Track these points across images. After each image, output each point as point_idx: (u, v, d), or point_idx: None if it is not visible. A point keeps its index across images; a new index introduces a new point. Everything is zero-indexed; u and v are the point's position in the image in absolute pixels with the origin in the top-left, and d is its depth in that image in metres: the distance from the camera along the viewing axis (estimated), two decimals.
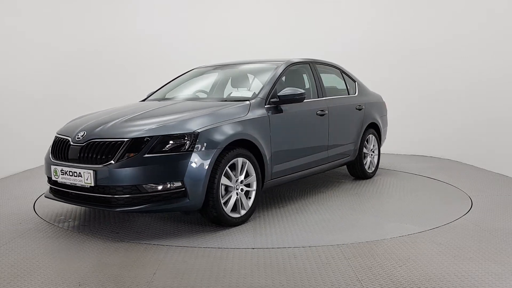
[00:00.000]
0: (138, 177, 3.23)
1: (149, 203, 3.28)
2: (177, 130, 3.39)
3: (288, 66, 4.60)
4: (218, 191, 3.45)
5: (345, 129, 5.13)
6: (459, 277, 2.64)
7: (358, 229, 3.61)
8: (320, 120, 4.69)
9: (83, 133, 3.59)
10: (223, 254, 3.07)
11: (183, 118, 3.56)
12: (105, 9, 7.83)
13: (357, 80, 5.74)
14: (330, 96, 4.98)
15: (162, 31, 7.96)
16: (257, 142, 3.81)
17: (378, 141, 5.84)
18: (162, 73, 7.37)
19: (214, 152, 3.40)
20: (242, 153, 3.67)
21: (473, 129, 6.51)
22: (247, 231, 3.57)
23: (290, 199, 4.61)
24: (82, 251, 3.16)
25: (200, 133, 3.40)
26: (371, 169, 5.69)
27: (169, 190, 3.29)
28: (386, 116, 6.18)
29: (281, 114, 4.15)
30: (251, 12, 8.07)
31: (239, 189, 3.67)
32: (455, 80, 6.92)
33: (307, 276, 2.70)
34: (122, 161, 3.27)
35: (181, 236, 3.47)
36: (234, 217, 3.63)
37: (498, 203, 4.37)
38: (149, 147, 3.29)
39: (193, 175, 3.30)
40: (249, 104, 3.95)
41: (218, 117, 3.65)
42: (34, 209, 4.35)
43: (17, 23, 6.58)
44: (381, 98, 6.12)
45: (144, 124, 3.52)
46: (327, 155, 4.82)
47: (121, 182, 3.24)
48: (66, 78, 7.46)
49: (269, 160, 3.96)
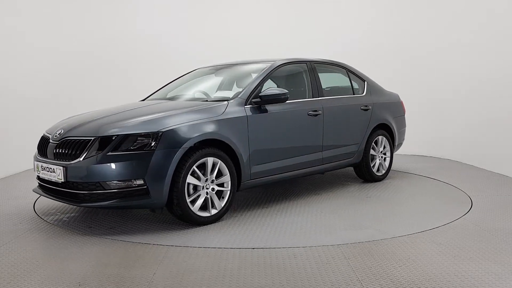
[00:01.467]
0: (102, 174, 3.36)
1: (112, 200, 3.40)
2: (142, 130, 3.48)
3: (278, 66, 4.58)
4: (183, 190, 3.50)
5: (346, 130, 5.03)
6: (459, 277, 2.64)
7: (358, 229, 3.61)
8: (313, 121, 4.61)
9: (60, 131, 3.78)
10: (223, 254, 3.07)
11: (152, 118, 3.65)
12: (105, 9, 7.82)
13: (368, 79, 5.59)
14: (328, 96, 4.92)
15: (162, 31, 7.95)
16: (230, 142, 3.82)
17: (390, 143, 5.61)
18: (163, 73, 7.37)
19: (178, 151, 3.46)
20: (212, 153, 3.70)
21: (473, 129, 6.51)
22: (247, 231, 3.58)
23: (290, 199, 4.61)
24: (82, 251, 3.16)
25: (164, 133, 3.47)
26: (380, 172, 5.49)
27: (131, 187, 3.38)
28: (403, 117, 5.92)
29: (265, 114, 4.16)
30: (251, 12, 8.07)
31: (210, 188, 3.71)
32: (455, 80, 6.92)
33: (307, 276, 2.70)
34: (88, 159, 3.42)
35: (181, 236, 3.47)
36: (203, 216, 3.67)
37: (498, 203, 4.37)
38: (113, 146, 3.42)
39: (155, 173, 3.38)
40: (226, 104, 3.98)
41: (188, 117, 3.69)
42: (34, 209, 4.36)
43: (17, 23, 6.58)
44: (397, 98, 5.92)
45: (115, 123, 3.64)
46: (321, 156, 4.73)
47: (86, 178, 3.40)
48: (67, 78, 7.45)
49: (247, 161, 3.97)
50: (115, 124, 3.61)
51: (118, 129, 3.51)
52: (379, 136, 5.44)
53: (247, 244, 3.28)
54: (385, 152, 5.57)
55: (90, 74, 7.72)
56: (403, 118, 5.95)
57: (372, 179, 5.39)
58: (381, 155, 5.51)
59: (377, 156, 5.46)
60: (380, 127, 5.48)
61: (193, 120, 3.68)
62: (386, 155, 5.59)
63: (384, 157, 5.57)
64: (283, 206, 4.35)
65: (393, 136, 5.68)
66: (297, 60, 4.88)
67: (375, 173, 5.42)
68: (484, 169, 6.12)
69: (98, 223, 3.85)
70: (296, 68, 4.92)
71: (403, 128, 5.95)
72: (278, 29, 7.95)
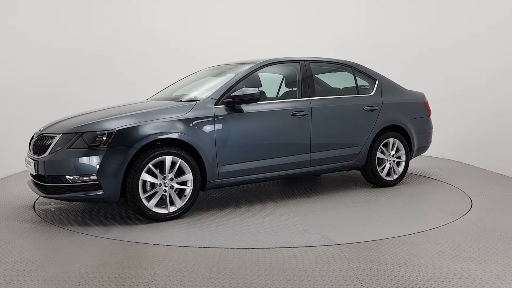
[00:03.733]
0: (61, 168, 3.65)
1: (72, 193, 3.66)
2: (98, 128, 3.71)
3: (261, 67, 4.55)
4: (137, 186, 3.66)
5: (342, 131, 4.84)
6: (459, 277, 2.64)
7: (358, 229, 3.61)
8: (298, 121, 4.50)
9: (42, 128, 4.11)
10: (223, 254, 3.07)
11: (112, 117, 3.87)
12: (104, 9, 7.82)
13: (382, 78, 5.30)
14: (323, 96, 4.79)
15: (162, 31, 7.95)
16: (190, 141, 3.89)
17: (406, 147, 5.23)
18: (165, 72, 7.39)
19: (130, 149, 3.64)
20: (171, 152, 3.79)
21: (474, 129, 6.51)
22: (247, 231, 3.58)
23: (291, 199, 4.62)
24: (82, 251, 3.16)
25: (117, 131, 3.67)
26: (392, 176, 5.13)
27: (86, 182, 3.63)
28: (426, 118, 5.51)
29: (239, 114, 4.18)
30: (252, 12, 8.07)
31: (169, 186, 3.80)
32: (455, 80, 6.92)
33: (307, 276, 2.70)
34: (52, 154, 3.72)
35: (181, 236, 3.47)
36: (160, 212, 3.80)
37: (498, 203, 4.38)
38: (72, 142, 3.68)
39: (106, 170, 3.60)
40: (193, 104, 4.06)
41: (148, 117, 3.84)
42: (34, 209, 4.36)
43: (17, 22, 6.58)
44: (420, 97, 5.55)
45: (81, 122, 3.89)
46: (309, 158, 4.60)
47: (49, 172, 3.71)
48: (67, 78, 7.45)
49: (213, 160, 4.02)
50: (80, 122, 3.87)
51: (79, 127, 3.77)
52: (389, 139, 5.12)
53: (247, 244, 3.28)
54: (400, 155, 5.21)
55: (90, 74, 7.72)
56: (427, 120, 5.53)
57: (380, 184, 5.08)
58: (393, 158, 5.15)
59: (386, 160, 5.12)
60: (392, 128, 5.18)
61: (152, 120, 3.82)
62: (401, 159, 5.21)
63: (399, 161, 5.20)
64: (284, 206, 4.35)
65: (410, 139, 5.29)
66: (285, 59, 4.77)
67: (384, 177, 5.08)
68: (484, 169, 6.12)
69: (98, 223, 3.86)
70: (285, 68, 4.88)
71: (427, 130, 5.54)
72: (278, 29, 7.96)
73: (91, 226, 3.75)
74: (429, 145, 5.65)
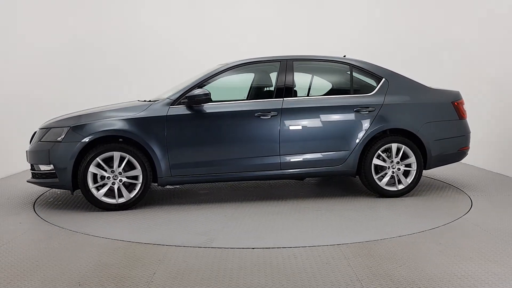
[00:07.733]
0: (32, 158, 4.35)
1: (41, 179, 4.30)
2: (60, 125, 4.29)
3: (230, 68, 4.56)
4: (85, 178, 4.13)
5: (323, 134, 4.50)
6: (459, 277, 2.64)
7: (358, 229, 3.61)
8: (263, 122, 4.38)
9: None
10: (223, 254, 3.07)
11: (77, 115, 4.41)
12: (104, 9, 7.81)
13: (392, 76, 4.73)
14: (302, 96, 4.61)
15: (162, 31, 7.94)
16: (138, 138, 4.20)
17: (418, 153, 4.56)
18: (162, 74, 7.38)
19: (78, 144, 4.13)
20: (120, 148, 4.18)
21: (473, 129, 6.50)
22: (247, 231, 3.58)
23: (292, 199, 4.62)
24: (82, 251, 3.16)
25: (71, 127, 4.19)
26: (395, 187, 4.55)
27: (48, 171, 4.23)
28: (455, 121, 4.76)
29: (194, 115, 4.33)
30: (252, 12, 8.06)
31: (118, 179, 4.18)
32: (455, 80, 6.90)
33: (307, 276, 2.70)
34: (31, 145, 4.41)
35: (181, 236, 3.47)
36: (109, 202, 4.20)
37: (498, 203, 4.37)
38: (41, 136, 4.31)
39: (58, 161, 4.15)
40: (148, 104, 4.38)
41: (103, 115, 4.30)
42: (34, 209, 4.36)
43: (16, 23, 6.58)
44: (447, 97, 4.80)
45: (59, 118, 4.48)
46: (279, 161, 4.42)
47: (30, 161, 4.40)
48: (67, 78, 7.44)
49: (163, 157, 4.26)
50: (57, 119, 4.46)
51: (50, 123, 4.41)
52: (392, 144, 4.53)
53: (247, 244, 3.28)
54: (411, 163, 4.56)
55: (92, 74, 7.70)
56: (455, 123, 4.77)
57: (380, 193, 4.57)
58: (399, 166, 4.55)
59: (387, 168, 4.56)
60: (398, 132, 4.61)
61: (105, 118, 4.26)
62: (411, 167, 4.58)
63: (409, 169, 4.58)
64: (284, 206, 4.35)
65: (425, 145, 4.60)
66: (261, 59, 4.69)
67: (383, 187, 4.54)
68: (484, 169, 6.12)
69: (98, 223, 3.86)
70: (261, 68, 4.86)
71: (456, 136, 4.79)
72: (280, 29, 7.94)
73: (91, 226, 3.75)
74: (464, 153, 4.91)
